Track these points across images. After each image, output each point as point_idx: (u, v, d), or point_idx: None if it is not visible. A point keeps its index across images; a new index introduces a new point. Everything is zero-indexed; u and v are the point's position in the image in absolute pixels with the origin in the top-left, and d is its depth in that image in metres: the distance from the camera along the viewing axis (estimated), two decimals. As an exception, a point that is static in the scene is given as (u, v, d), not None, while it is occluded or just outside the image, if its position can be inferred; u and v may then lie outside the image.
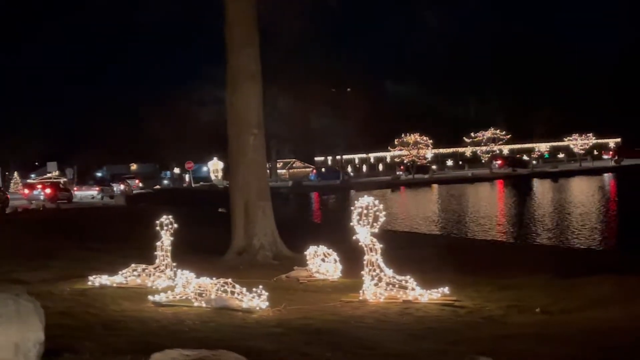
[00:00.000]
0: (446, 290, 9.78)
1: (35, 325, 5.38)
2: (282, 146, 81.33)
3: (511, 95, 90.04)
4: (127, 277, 11.20)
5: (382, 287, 9.77)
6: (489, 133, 75.01)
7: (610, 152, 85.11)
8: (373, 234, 9.82)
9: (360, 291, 9.87)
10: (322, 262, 12.49)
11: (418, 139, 74.12)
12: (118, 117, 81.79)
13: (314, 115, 71.38)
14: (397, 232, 23.98)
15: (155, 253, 11.34)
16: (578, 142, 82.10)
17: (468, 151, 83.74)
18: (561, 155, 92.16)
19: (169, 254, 11.27)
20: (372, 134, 77.06)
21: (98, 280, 11.07)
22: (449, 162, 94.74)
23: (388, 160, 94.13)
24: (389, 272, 9.86)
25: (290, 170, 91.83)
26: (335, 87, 75.70)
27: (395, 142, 75.74)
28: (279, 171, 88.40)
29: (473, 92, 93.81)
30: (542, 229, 25.58)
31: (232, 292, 9.12)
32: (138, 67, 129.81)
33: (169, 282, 11.04)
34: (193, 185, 69.17)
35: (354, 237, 9.93)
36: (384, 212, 9.89)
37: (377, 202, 9.88)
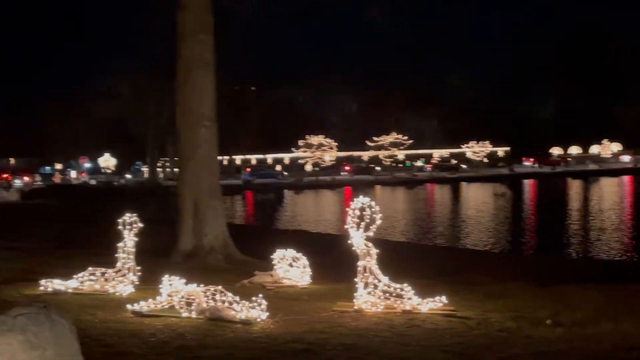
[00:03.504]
0: (444, 299, 9.19)
1: (73, 347, 4.31)
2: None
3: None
4: (83, 281, 9.94)
5: (378, 295, 9.09)
6: (391, 137, 76.04)
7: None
8: (368, 238, 9.13)
9: (355, 300, 9.12)
10: (289, 267, 11.65)
11: (322, 141, 74.14)
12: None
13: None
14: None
15: (117, 255, 10.12)
16: (474, 149, 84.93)
17: (366, 155, 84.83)
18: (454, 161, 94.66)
19: (132, 256, 10.08)
20: (271, 134, 76.56)
21: (50, 284, 9.77)
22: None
23: (286, 161, 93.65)
24: (385, 279, 9.18)
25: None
26: (238, 85, 74.51)
27: (299, 143, 75.43)
28: (167, 170, 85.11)
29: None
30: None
31: (223, 301, 8.17)
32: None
33: (130, 288, 9.92)
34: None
35: (348, 242, 9.19)
36: (380, 215, 9.20)
37: (373, 203, 9.19)
